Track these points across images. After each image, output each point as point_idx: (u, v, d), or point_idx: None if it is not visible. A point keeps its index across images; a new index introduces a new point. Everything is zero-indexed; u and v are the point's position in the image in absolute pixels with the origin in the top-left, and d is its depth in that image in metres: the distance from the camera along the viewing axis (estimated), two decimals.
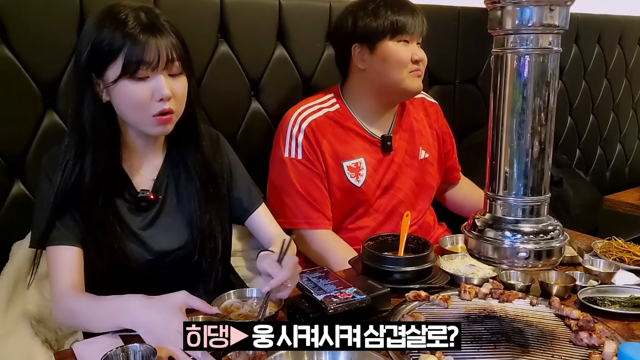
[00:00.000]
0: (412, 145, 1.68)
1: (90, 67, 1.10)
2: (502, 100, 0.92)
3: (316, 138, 1.54)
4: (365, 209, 1.62)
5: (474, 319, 1.08)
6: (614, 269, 1.28)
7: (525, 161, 0.91)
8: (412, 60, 1.53)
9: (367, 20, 1.53)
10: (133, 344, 0.91)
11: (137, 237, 1.19)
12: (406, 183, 1.66)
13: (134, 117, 1.14)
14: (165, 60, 1.10)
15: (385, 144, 1.62)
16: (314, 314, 1.03)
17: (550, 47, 0.88)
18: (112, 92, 1.11)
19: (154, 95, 1.10)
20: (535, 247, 0.91)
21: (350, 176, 1.58)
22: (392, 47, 1.52)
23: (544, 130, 0.91)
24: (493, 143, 0.94)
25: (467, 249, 0.99)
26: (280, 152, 1.56)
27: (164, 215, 1.23)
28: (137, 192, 1.21)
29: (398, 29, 1.51)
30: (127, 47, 1.07)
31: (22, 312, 1.24)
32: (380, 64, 1.54)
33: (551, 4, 0.85)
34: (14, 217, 1.39)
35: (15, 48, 1.35)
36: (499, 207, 0.95)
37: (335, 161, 1.57)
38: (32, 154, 1.40)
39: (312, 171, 1.54)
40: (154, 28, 1.09)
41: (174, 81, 1.13)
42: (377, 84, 1.57)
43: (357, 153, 1.60)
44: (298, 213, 1.54)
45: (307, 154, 1.54)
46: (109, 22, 1.08)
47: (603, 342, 0.96)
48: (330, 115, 1.59)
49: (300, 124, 1.55)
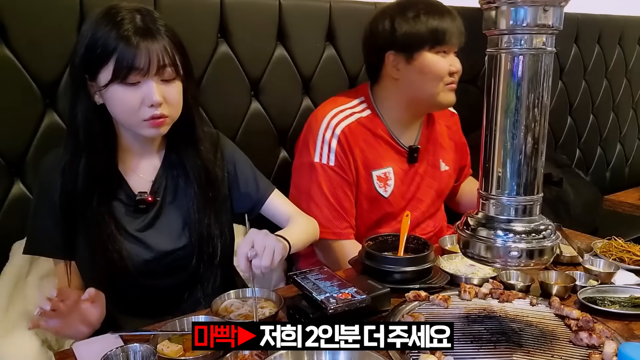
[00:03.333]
0: (435, 157, 1.65)
1: (84, 69, 1.09)
2: (495, 100, 0.92)
3: (349, 145, 1.49)
4: (389, 220, 1.58)
5: (473, 319, 1.08)
6: (614, 269, 1.28)
7: (518, 161, 0.92)
8: (449, 73, 1.48)
9: (406, 28, 1.45)
10: (133, 344, 0.91)
11: (135, 238, 1.19)
12: (428, 194, 1.63)
13: (126, 120, 1.13)
14: (157, 65, 1.07)
15: (412, 155, 1.58)
16: (314, 314, 1.03)
17: (544, 48, 0.88)
18: (104, 96, 1.10)
19: (144, 100, 1.09)
20: (527, 246, 0.91)
21: (379, 186, 1.54)
22: (431, 59, 1.46)
23: (537, 130, 0.91)
24: (486, 143, 0.95)
25: (460, 247, 0.99)
26: (309, 156, 1.50)
27: (163, 217, 1.22)
28: (135, 194, 1.20)
29: (438, 39, 1.45)
30: (118, 51, 1.05)
31: (22, 312, 1.24)
32: (416, 75, 1.48)
33: (545, 5, 0.86)
34: (14, 217, 1.39)
35: (15, 48, 1.35)
36: (492, 207, 0.95)
37: (365, 170, 1.53)
38: (32, 154, 1.40)
39: (343, 179, 1.49)
40: (148, 32, 1.07)
41: (167, 87, 1.11)
42: (409, 94, 1.52)
43: (386, 162, 1.56)
44: (325, 222, 1.48)
45: (340, 161, 1.48)
46: (105, 23, 1.07)
47: (603, 342, 0.96)
48: (362, 122, 1.53)
49: (333, 129, 1.49)
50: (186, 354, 0.96)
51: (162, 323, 1.04)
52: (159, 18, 1.12)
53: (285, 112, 1.80)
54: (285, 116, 1.82)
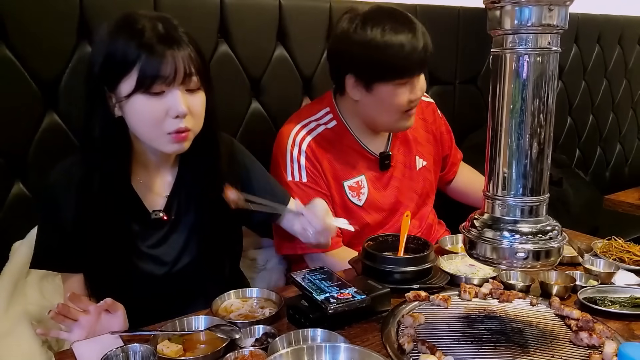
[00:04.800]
0: (409, 156, 1.62)
1: (102, 80, 1.05)
2: (501, 100, 0.91)
3: (317, 158, 1.47)
4: (371, 229, 1.53)
5: (474, 319, 1.08)
6: (614, 269, 1.28)
7: (524, 161, 0.91)
8: (410, 101, 1.42)
9: (365, 56, 1.37)
10: (133, 344, 0.91)
11: (148, 255, 1.18)
12: (409, 196, 1.61)
13: (147, 134, 1.08)
14: (183, 74, 1.04)
15: (383, 162, 1.55)
16: (313, 314, 1.03)
17: (549, 47, 0.88)
18: (124, 107, 1.06)
19: (169, 111, 1.05)
20: (533, 247, 0.91)
21: (352, 195, 1.52)
22: (388, 92, 1.40)
23: (543, 130, 0.90)
24: (492, 143, 0.94)
25: (465, 249, 0.99)
26: (282, 176, 1.48)
27: (176, 233, 1.20)
28: (149, 212, 1.17)
29: (396, 73, 1.37)
30: (142, 60, 1.00)
31: (22, 312, 1.24)
32: (374, 105, 1.44)
33: (550, 4, 0.85)
34: (14, 217, 1.39)
35: (15, 48, 1.35)
36: (498, 208, 0.94)
37: (336, 181, 1.50)
38: (32, 154, 1.40)
39: (317, 192, 1.47)
40: (172, 39, 1.03)
41: (192, 97, 1.07)
42: (368, 118, 1.49)
43: (357, 171, 1.53)
44: None
45: (312, 176, 1.46)
46: (124, 32, 1.03)
47: (603, 342, 0.96)
48: (328, 133, 1.50)
49: (300, 145, 1.47)
50: (186, 354, 0.96)
51: (162, 323, 1.04)
52: (179, 25, 1.08)
53: (285, 112, 1.79)
54: (285, 116, 1.81)
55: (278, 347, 0.92)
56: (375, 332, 1.04)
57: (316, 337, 0.96)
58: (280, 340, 0.94)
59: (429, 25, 1.55)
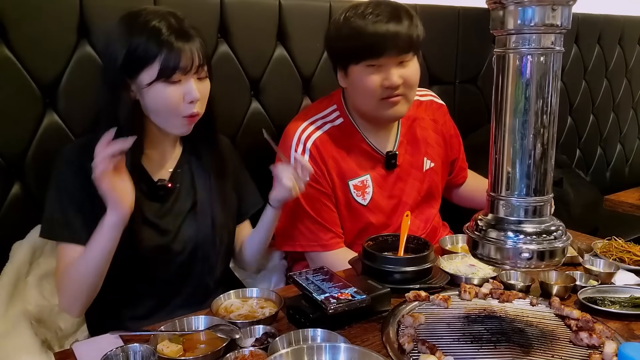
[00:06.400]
0: (417, 157, 1.60)
1: (124, 72, 1.16)
2: (504, 100, 0.91)
3: (322, 157, 1.47)
4: (375, 229, 1.53)
5: (474, 319, 1.08)
6: (614, 269, 1.28)
7: (527, 161, 0.91)
8: (384, 87, 1.39)
9: (339, 40, 1.42)
10: (133, 344, 0.91)
11: (152, 223, 1.24)
12: (414, 197, 1.59)
13: (164, 116, 1.20)
14: (198, 64, 1.17)
15: (389, 162, 1.54)
16: (314, 314, 1.03)
17: (552, 47, 0.88)
18: (144, 93, 1.17)
19: (185, 97, 1.17)
20: (538, 247, 0.90)
21: (357, 195, 1.51)
22: (359, 73, 1.40)
23: (547, 130, 0.90)
24: (495, 143, 0.94)
25: (469, 249, 0.99)
26: None
27: (178, 204, 1.29)
28: (155, 180, 1.26)
29: (365, 53, 1.36)
30: (164, 54, 1.13)
31: (22, 312, 1.24)
32: (353, 89, 1.45)
33: (553, 4, 0.85)
34: (14, 217, 1.39)
35: (15, 48, 1.35)
36: (502, 208, 0.94)
37: (341, 180, 1.49)
38: (32, 154, 1.40)
39: (319, 191, 1.47)
40: (186, 34, 1.16)
41: (201, 84, 1.21)
42: (356, 106, 1.50)
43: (363, 170, 1.52)
44: (310, 235, 1.47)
45: (315, 174, 1.43)
46: (141, 30, 1.14)
47: (603, 342, 0.97)
48: (334, 131, 1.50)
49: (304, 143, 1.47)
50: (186, 354, 0.96)
51: (162, 323, 1.04)
52: (185, 18, 1.20)
53: (285, 112, 1.80)
54: (285, 116, 1.81)
55: (278, 347, 0.92)
56: (376, 332, 1.04)
57: (316, 337, 0.96)
58: (280, 340, 0.94)
59: (429, 25, 1.55)
